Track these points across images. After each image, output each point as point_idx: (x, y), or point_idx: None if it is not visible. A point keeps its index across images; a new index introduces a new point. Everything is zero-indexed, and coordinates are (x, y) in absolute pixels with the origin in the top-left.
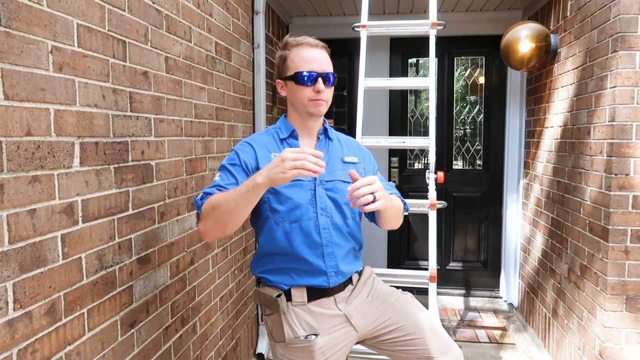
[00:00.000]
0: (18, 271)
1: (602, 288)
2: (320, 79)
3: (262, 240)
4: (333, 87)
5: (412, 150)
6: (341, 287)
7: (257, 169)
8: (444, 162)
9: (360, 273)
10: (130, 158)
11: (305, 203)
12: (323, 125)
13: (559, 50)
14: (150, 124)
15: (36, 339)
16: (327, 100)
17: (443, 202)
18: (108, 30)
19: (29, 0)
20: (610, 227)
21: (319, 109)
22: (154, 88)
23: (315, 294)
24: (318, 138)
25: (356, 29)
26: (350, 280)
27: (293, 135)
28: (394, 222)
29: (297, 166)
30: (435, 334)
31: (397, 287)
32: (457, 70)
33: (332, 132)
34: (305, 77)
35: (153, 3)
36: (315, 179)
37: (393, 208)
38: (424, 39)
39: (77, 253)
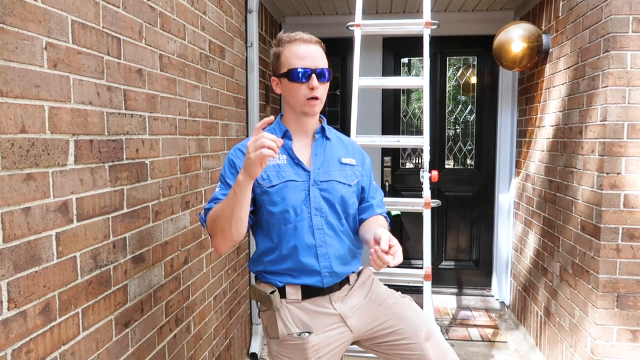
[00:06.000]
0: (12, 270)
1: (593, 286)
2: (314, 75)
3: (259, 240)
4: (328, 84)
5: (404, 150)
6: (337, 287)
7: None
8: (436, 161)
9: (359, 273)
10: (124, 156)
11: (298, 203)
12: (321, 123)
13: (550, 50)
14: (144, 122)
15: (31, 339)
16: (321, 98)
17: (437, 200)
18: (102, 27)
19: None
20: (602, 225)
21: (313, 109)
22: (149, 86)
23: (310, 292)
24: (314, 137)
25: (350, 28)
26: (347, 280)
27: (286, 135)
28: None
29: (257, 147)
30: (431, 339)
31: (393, 286)
32: (449, 70)
33: (331, 132)
34: (299, 74)
35: (147, 0)
36: (310, 179)
37: None
38: (417, 39)
39: (71, 252)
